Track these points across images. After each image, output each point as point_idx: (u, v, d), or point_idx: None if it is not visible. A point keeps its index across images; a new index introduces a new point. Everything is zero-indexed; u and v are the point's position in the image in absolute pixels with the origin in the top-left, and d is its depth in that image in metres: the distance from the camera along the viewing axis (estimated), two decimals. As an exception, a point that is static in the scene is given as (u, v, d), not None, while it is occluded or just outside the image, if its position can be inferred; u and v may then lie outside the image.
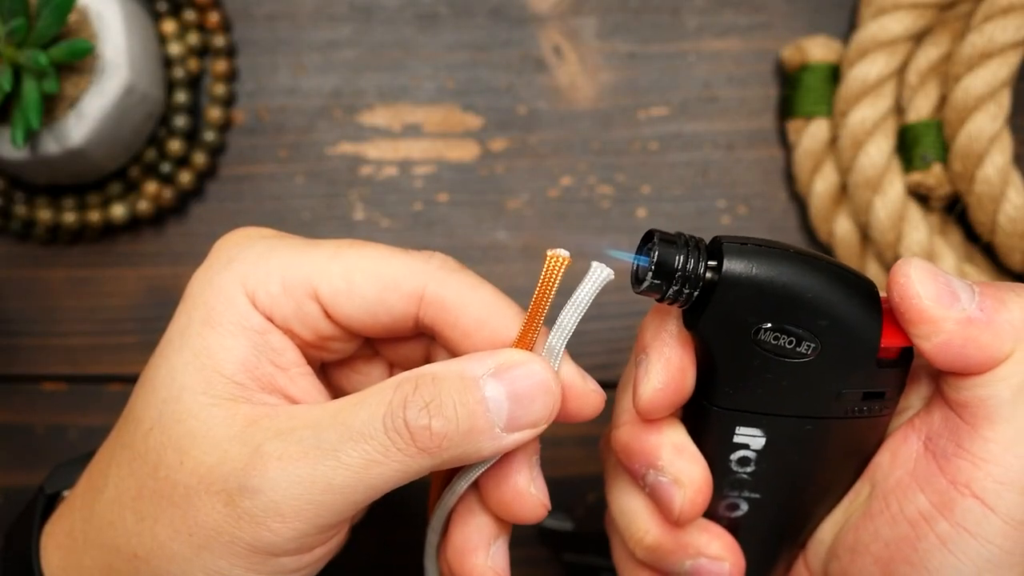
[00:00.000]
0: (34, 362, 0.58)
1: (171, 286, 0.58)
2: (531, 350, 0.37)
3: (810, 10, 0.59)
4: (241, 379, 0.37)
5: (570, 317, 0.37)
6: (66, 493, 0.42)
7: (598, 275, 0.36)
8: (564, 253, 0.36)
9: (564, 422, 0.38)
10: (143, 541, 0.36)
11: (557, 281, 0.36)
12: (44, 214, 0.57)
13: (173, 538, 0.36)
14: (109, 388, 0.58)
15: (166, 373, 0.37)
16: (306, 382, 0.39)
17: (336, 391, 0.42)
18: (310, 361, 0.39)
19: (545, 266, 0.36)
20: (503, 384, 0.36)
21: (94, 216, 0.57)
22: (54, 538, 0.40)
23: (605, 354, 0.57)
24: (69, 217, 0.57)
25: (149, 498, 0.36)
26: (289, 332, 0.38)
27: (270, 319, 0.38)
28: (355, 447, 0.35)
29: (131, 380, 0.41)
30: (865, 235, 0.55)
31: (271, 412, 0.36)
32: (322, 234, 0.58)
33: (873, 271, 0.55)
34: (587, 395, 0.38)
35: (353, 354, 0.41)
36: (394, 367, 0.43)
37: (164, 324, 0.39)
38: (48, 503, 0.42)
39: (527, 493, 0.38)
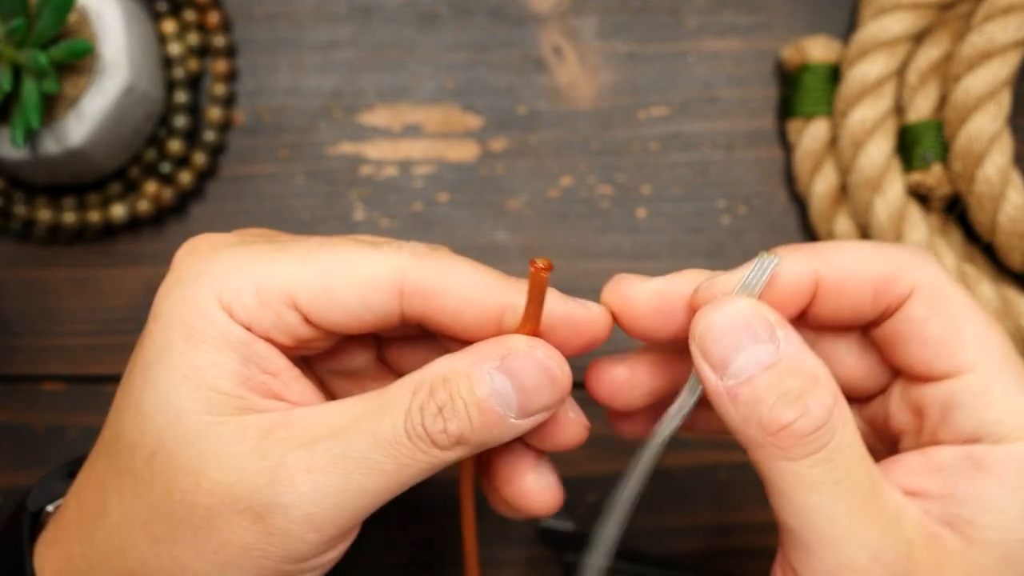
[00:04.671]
0: (34, 362, 0.58)
1: (171, 286, 0.58)
2: (536, 333, 0.37)
3: (810, 10, 0.59)
4: (239, 392, 0.37)
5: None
6: (50, 508, 0.41)
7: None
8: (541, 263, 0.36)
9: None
10: (161, 564, 0.36)
11: (546, 283, 0.36)
12: (44, 214, 0.57)
13: (196, 558, 0.35)
14: (109, 388, 0.58)
15: (155, 398, 0.36)
16: (299, 385, 0.38)
17: (320, 380, 0.42)
18: (291, 359, 0.39)
19: (530, 278, 0.36)
20: (508, 377, 0.36)
21: (94, 216, 0.57)
22: (51, 563, 0.39)
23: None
24: (69, 217, 0.57)
25: (163, 522, 0.36)
26: (269, 341, 0.38)
27: (249, 330, 0.37)
28: (384, 453, 0.35)
29: (131, 380, 0.42)
30: (865, 235, 0.55)
31: (282, 420, 0.36)
32: (322, 234, 0.58)
33: (873, 271, 0.56)
34: (594, 320, 0.38)
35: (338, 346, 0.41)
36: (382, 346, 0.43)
37: (164, 324, 0.39)
38: (32, 520, 0.41)
39: (566, 418, 0.40)
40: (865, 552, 0.34)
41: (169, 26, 0.58)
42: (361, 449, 0.35)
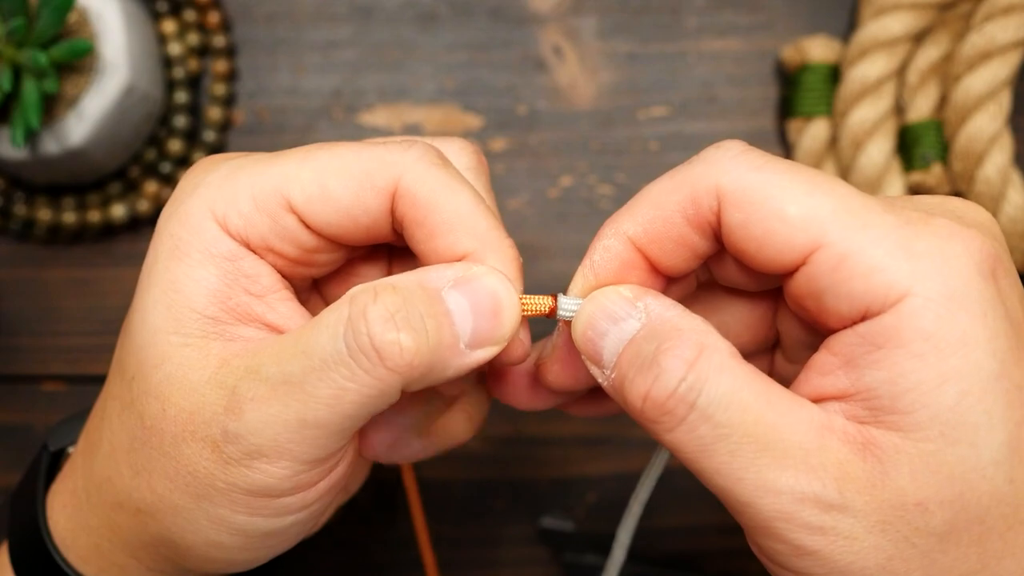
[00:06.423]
0: (34, 362, 0.58)
1: (171, 286, 0.58)
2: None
3: (810, 10, 0.59)
4: (213, 312, 0.35)
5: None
6: (71, 449, 0.41)
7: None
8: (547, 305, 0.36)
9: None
10: (143, 496, 0.35)
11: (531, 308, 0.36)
12: (44, 214, 0.57)
13: (171, 490, 0.34)
14: (109, 388, 0.58)
15: (139, 316, 0.35)
16: (286, 307, 0.36)
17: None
18: (300, 280, 0.38)
19: (535, 301, 0.35)
20: (465, 296, 0.34)
21: (94, 216, 0.57)
22: (60, 497, 0.39)
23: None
24: (69, 217, 0.57)
25: (140, 450, 0.35)
26: (271, 252, 0.36)
27: (246, 241, 0.35)
28: (320, 378, 0.32)
29: (131, 380, 0.42)
30: (865, 235, 0.55)
31: (243, 349, 0.34)
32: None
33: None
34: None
35: (348, 270, 0.40)
36: None
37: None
38: (54, 461, 0.41)
39: (516, 338, 0.36)
40: (786, 499, 0.30)
41: (169, 26, 0.58)
42: (296, 373, 0.32)
